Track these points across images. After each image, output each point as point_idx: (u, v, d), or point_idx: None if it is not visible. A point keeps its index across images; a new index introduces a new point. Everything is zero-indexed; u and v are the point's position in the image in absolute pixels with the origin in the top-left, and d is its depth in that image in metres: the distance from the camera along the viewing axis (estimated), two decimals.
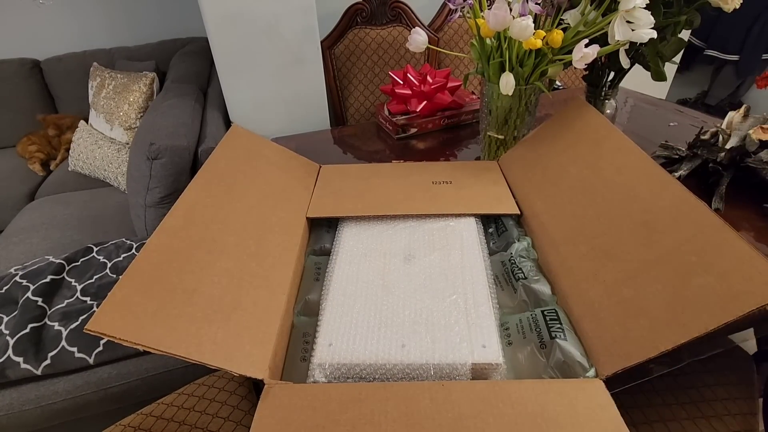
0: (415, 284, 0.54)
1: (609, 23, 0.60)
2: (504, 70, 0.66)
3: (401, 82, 1.05)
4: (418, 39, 0.71)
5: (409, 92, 1.04)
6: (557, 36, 0.62)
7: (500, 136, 0.78)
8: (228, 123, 1.30)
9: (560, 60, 0.66)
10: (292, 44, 1.20)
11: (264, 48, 1.17)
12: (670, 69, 0.67)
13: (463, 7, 0.69)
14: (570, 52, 0.62)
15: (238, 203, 0.58)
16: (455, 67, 1.63)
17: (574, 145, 0.64)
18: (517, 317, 0.51)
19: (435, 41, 1.52)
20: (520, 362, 0.47)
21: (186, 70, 1.54)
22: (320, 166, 0.78)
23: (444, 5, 1.57)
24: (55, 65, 1.76)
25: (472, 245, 0.60)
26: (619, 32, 0.59)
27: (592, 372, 0.43)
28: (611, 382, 0.42)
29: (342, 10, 1.44)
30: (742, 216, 0.72)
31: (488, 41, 0.69)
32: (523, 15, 0.60)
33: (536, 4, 0.64)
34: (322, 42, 1.40)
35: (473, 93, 1.15)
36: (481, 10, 0.67)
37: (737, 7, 0.65)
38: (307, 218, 0.65)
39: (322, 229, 0.67)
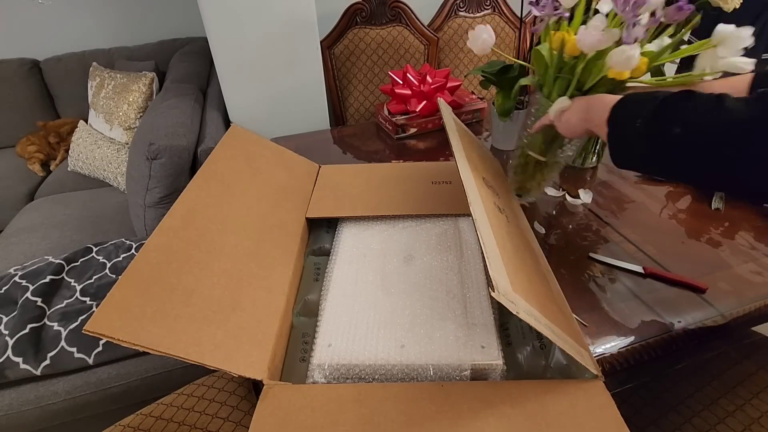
0: (415, 284, 0.54)
1: (693, 50, 0.55)
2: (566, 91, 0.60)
3: (401, 82, 1.05)
4: (486, 39, 0.63)
5: (409, 92, 1.04)
6: (642, 65, 0.54)
7: (542, 158, 0.67)
8: (227, 123, 1.30)
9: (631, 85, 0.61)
10: (292, 44, 1.20)
11: (263, 48, 1.17)
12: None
13: (552, 16, 0.60)
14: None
15: (237, 203, 0.58)
16: (455, 67, 1.63)
17: None
18: (516, 318, 0.51)
19: (435, 41, 1.52)
20: (519, 363, 0.47)
21: (185, 70, 1.54)
22: (320, 166, 0.78)
23: (444, 5, 1.57)
24: (54, 65, 1.75)
25: (472, 245, 0.60)
26: (707, 63, 0.53)
27: (592, 372, 0.43)
28: (611, 382, 0.42)
29: (341, 9, 1.43)
30: (742, 216, 0.72)
31: (553, 54, 0.61)
32: (627, 42, 0.51)
33: (640, 26, 0.52)
34: (321, 42, 1.40)
35: (473, 93, 1.15)
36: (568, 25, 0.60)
37: (737, 6, 0.65)
38: (306, 218, 0.65)
39: (322, 230, 0.67)
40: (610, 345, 0.52)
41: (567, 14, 0.59)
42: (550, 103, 0.60)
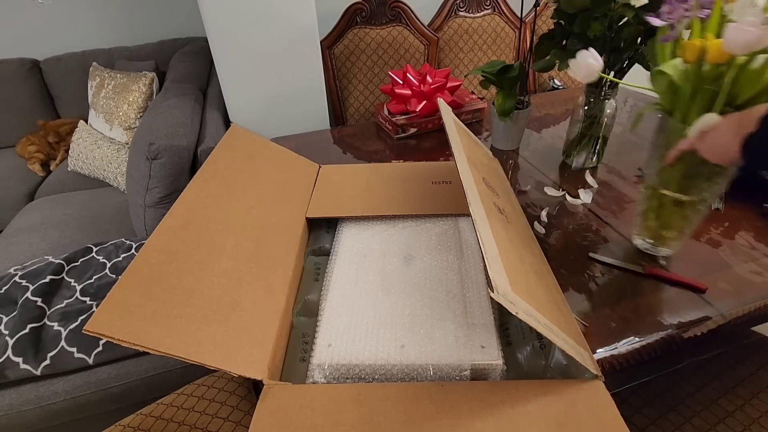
0: (415, 284, 0.54)
1: None
2: (710, 109, 0.48)
3: (401, 82, 1.05)
4: (592, 64, 0.54)
5: (409, 92, 1.04)
6: None
7: (684, 198, 0.55)
8: (227, 123, 1.30)
9: None
10: (292, 44, 1.20)
11: (264, 48, 1.17)
12: None
13: (683, 19, 0.49)
14: None
15: (237, 203, 0.58)
16: (455, 67, 1.63)
17: None
18: (516, 318, 0.51)
19: (435, 41, 1.52)
20: (519, 363, 0.47)
21: (185, 70, 1.54)
22: (320, 166, 0.78)
23: (444, 5, 1.57)
24: (54, 65, 1.75)
25: (472, 245, 0.60)
26: None
27: (592, 372, 0.43)
28: (611, 382, 0.42)
29: (341, 9, 1.43)
30: (742, 216, 0.72)
31: (688, 69, 0.49)
32: None
33: None
34: (321, 42, 1.40)
35: (473, 93, 1.15)
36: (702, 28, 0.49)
37: None
38: (306, 218, 0.65)
39: (322, 230, 0.67)
40: (610, 345, 0.52)
41: (708, 11, 0.46)
42: (684, 127, 0.49)
